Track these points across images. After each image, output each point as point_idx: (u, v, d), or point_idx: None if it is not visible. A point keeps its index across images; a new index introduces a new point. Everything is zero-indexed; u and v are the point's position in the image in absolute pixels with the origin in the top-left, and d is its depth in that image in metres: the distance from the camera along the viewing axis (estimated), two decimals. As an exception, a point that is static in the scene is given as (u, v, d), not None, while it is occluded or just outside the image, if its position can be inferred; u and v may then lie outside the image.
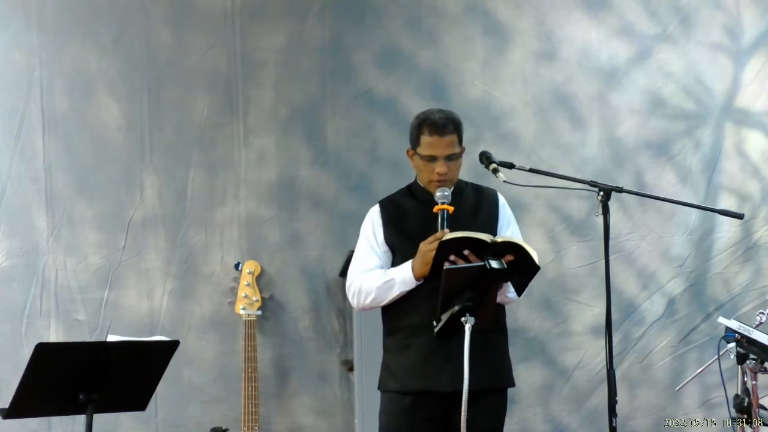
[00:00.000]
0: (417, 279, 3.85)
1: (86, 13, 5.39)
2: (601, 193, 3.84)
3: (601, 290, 5.03)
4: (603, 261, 3.81)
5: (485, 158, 4.05)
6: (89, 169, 5.36)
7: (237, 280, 5.28)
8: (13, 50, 5.36)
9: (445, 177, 3.91)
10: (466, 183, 4.08)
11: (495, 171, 3.99)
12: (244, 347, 5.12)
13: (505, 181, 3.98)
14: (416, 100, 5.31)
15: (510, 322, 5.31)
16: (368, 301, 3.95)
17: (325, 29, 5.44)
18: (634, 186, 5.31)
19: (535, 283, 5.33)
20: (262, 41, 5.41)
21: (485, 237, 3.74)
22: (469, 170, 5.06)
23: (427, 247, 3.79)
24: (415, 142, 3.97)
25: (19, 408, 3.56)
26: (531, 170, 4.04)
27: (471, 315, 3.56)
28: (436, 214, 3.85)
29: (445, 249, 3.74)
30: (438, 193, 3.87)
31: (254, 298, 5.23)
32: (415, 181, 4.06)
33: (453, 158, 3.94)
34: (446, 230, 3.80)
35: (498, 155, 4.07)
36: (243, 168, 5.40)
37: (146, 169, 5.38)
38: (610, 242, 3.83)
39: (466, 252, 3.73)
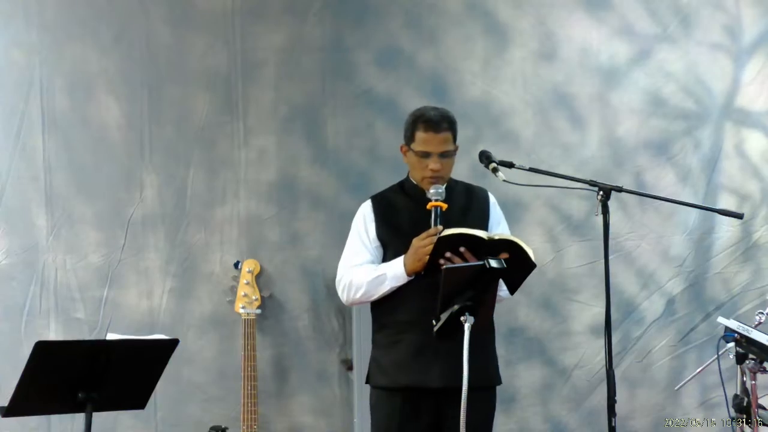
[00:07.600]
0: (408, 275, 3.85)
1: (86, 12, 5.39)
2: (601, 192, 3.83)
3: (600, 290, 5.01)
4: (602, 261, 3.81)
5: (485, 157, 4.05)
6: (89, 167, 5.36)
7: (236, 279, 5.28)
8: (13, 49, 5.36)
9: (438, 174, 3.92)
10: (457, 181, 4.09)
11: (495, 170, 3.99)
12: (243, 346, 5.12)
13: (504, 181, 3.98)
14: (416, 99, 5.30)
15: (510, 321, 5.38)
16: (358, 295, 3.96)
17: (325, 28, 5.44)
18: (634, 186, 5.30)
19: (534, 282, 5.41)
20: (262, 40, 5.42)
21: (482, 234, 3.74)
22: (468, 169, 5.09)
23: (421, 243, 3.79)
24: (409, 139, 3.98)
25: (19, 406, 3.55)
26: (531, 169, 4.03)
27: (470, 314, 3.56)
28: (428, 211, 3.86)
29: (441, 246, 3.74)
30: (432, 190, 3.88)
31: (254, 297, 5.23)
32: (408, 177, 4.07)
33: (447, 155, 3.95)
34: (440, 227, 3.80)
35: (498, 155, 4.07)
36: (243, 167, 5.40)
37: (146, 168, 5.38)
38: (610, 242, 3.83)
39: (462, 249, 3.73)
